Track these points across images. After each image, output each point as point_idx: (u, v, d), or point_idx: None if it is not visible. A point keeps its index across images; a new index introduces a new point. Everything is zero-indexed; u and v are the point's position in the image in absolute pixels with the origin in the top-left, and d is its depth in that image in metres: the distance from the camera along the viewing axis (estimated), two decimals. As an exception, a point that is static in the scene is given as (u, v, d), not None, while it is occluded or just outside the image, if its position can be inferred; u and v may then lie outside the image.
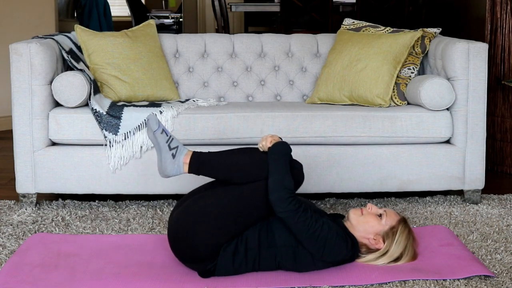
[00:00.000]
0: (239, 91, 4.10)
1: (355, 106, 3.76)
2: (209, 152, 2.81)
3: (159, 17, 10.35)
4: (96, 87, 3.64)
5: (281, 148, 2.74)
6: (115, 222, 3.37)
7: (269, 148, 2.75)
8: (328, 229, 2.65)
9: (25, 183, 3.56)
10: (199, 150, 3.35)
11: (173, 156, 2.75)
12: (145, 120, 3.51)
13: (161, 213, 3.52)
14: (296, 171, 2.74)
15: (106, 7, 8.33)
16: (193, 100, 3.86)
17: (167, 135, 2.78)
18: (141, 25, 4.04)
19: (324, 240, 2.63)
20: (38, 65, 3.49)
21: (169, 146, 2.76)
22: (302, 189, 3.57)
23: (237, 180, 2.70)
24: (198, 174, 2.79)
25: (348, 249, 2.71)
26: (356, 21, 4.17)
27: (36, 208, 3.57)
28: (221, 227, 2.62)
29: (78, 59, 3.73)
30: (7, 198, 3.77)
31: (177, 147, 2.77)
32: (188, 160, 2.76)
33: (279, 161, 2.68)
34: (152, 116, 2.78)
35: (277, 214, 2.64)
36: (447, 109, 3.67)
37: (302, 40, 4.17)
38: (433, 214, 3.51)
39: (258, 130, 3.55)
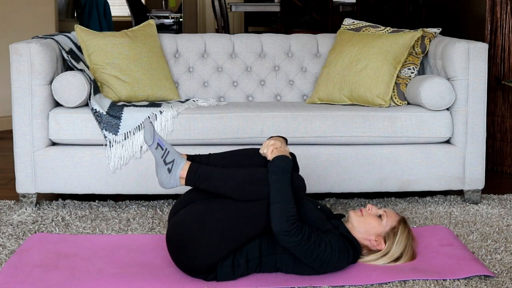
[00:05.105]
0: (239, 91, 4.10)
1: (355, 106, 3.76)
2: (207, 166, 2.74)
3: (159, 17, 10.35)
4: (96, 87, 3.64)
5: (281, 166, 2.64)
6: (115, 222, 3.37)
7: (269, 163, 2.68)
8: (331, 250, 2.63)
9: (25, 183, 3.56)
10: (198, 151, 3.35)
11: (169, 170, 2.69)
12: (144, 120, 3.50)
13: (161, 213, 3.52)
14: (296, 189, 2.66)
15: (106, 7, 8.33)
16: (193, 100, 3.86)
17: (162, 149, 2.69)
18: (141, 25, 4.03)
19: (327, 260, 2.63)
20: (38, 65, 3.49)
21: (164, 161, 2.69)
22: (302, 189, 3.57)
23: (236, 197, 2.64)
24: (197, 188, 2.74)
25: (349, 260, 2.72)
26: (356, 21, 4.17)
27: (36, 208, 3.57)
28: (220, 246, 2.60)
29: (78, 59, 3.72)
30: (7, 198, 3.76)
31: (173, 161, 2.69)
32: (184, 175, 2.68)
33: (280, 183, 2.61)
34: (147, 129, 2.70)
35: (281, 243, 2.61)
36: (447, 109, 3.66)
37: (302, 40, 4.17)
38: (433, 214, 3.51)
39: (258, 130, 3.55)
